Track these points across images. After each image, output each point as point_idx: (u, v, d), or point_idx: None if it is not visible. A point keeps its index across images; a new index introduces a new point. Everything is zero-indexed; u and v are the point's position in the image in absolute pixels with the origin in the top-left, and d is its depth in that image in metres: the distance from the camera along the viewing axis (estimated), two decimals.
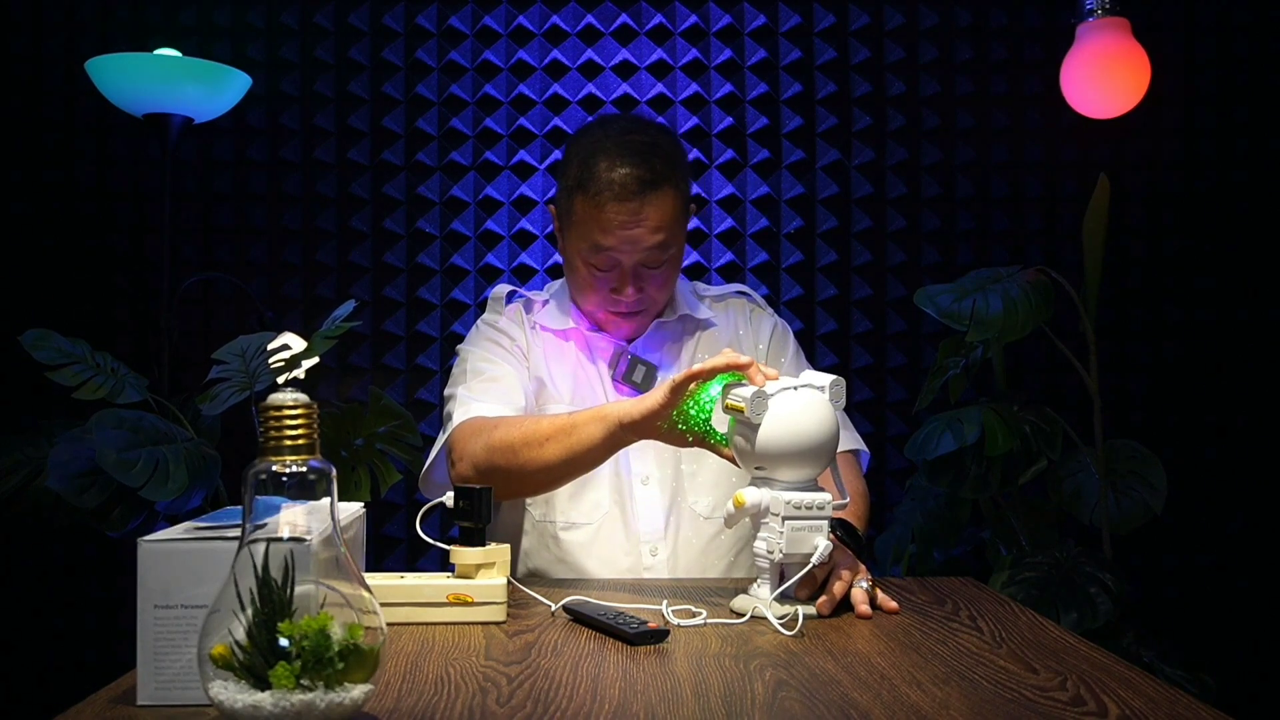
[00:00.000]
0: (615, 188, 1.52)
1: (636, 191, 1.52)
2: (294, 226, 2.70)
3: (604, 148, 1.55)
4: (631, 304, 1.59)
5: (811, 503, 1.21)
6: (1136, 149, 2.70)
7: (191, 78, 2.25)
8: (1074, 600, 2.00)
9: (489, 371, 1.60)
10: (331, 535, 0.83)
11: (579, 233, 1.57)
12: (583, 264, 1.58)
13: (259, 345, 1.99)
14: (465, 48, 2.72)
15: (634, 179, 1.52)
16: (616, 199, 1.52)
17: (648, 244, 1.54)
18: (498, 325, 1.68)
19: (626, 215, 1.52)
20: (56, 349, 1.94)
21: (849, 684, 0.95)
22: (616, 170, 1.52)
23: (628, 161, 1.53)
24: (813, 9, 2.73)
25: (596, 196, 1.52)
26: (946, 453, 2.15)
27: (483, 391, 1.57)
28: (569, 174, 1.58)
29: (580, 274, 1.60)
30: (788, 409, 1.22)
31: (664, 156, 1.56)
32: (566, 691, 0.93)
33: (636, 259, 1.55)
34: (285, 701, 0.75)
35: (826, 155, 2.72)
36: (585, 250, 1.56)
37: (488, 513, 1.25)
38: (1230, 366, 2.67)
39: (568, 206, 1.58)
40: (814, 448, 1.22)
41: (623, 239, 1.53)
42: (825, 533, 1.21)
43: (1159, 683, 0.95)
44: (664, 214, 1.54)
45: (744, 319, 1.73)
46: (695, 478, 1.61)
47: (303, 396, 0.81)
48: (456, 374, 1.65)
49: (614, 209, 1.52)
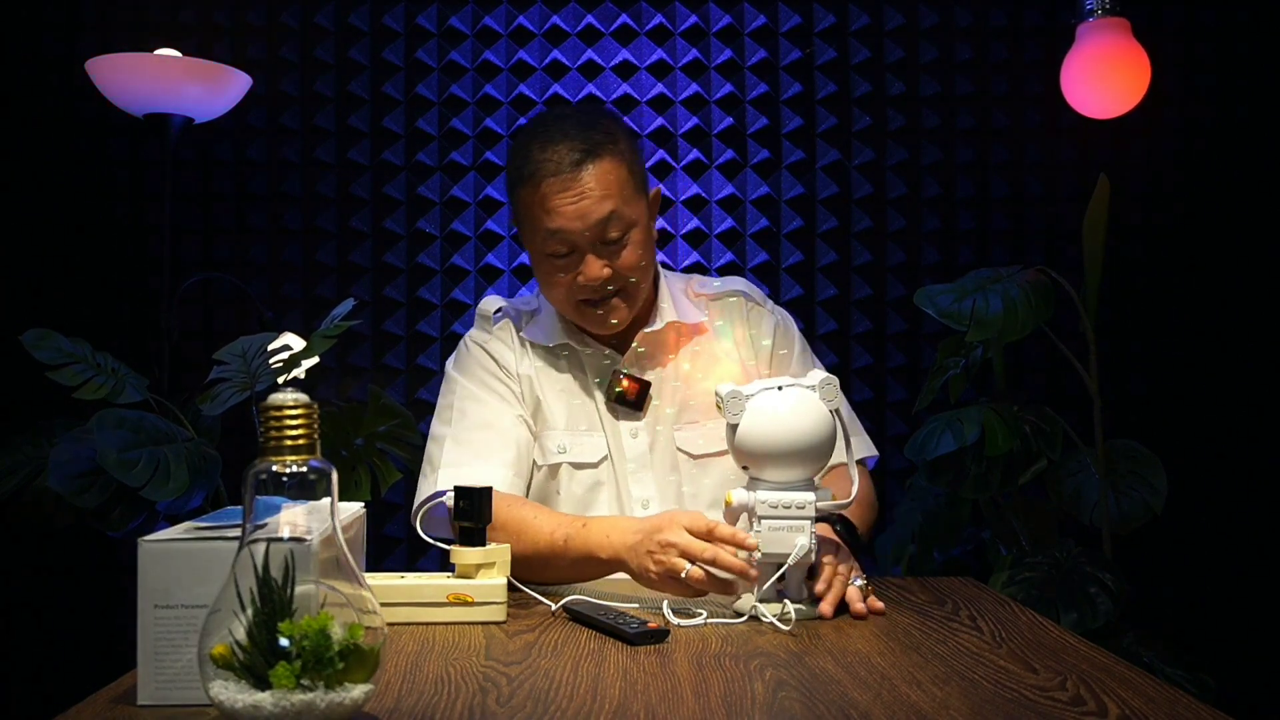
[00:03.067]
0: (551, 164, 1.46)
1: (575, 163, 1.46)
2: (294, 226, 2.70)
3: (536, 135, 1.50)
4: (600, 285, 1.50)
5: (791, 502, 1.21)
6: (1136, 149, 2.70)
7: (191, 78, 2.25)
8: (1074, 600, 2.00)
9: (479, 415, 1.54)
10: (331, 535, 0.83)
11: (531, 227, 1.51)
12: (544, 259, 1.52)
13: (259, 345, 1.99)
14: (465, 48, 2.72)
15: (569, 150, 1.47)
16: (554, 174, 1.46)
17: (598, 215, 1.46)
18: (487, 347, 1.60)
19: (568, 189, 1.46)
20: (57, 349, 1.94)
21: (849, 684, 0.95)
22: (550, 149, 1.47)
23: (561, 138, 1.48)
24: (813, 9, 2.73)
25: (534, 179, 1.47)
26: (946, 453, 2.15)
27: (472, 445, 1.50)
28: (510, 173, 1.54)
29: (543, 271, 1.53)
30: (767, 409, 1.22)
31: (601, 128, 1.50)
32: (566, 691, 0.93)
33: (590, 236, 1.48)
34: (285, 701, 0.75)
35: (826, 155, 2.72)
36: (540, 242, 1.50)
37: (488, 513, 1.25)
38: (1230, 366, 2.67)
39: (515, 205, 1.54)
40: (796, 448, 1.21)
41: (570, 215, 1.46)
42: (808, 532, 1.21)
43: (1159, 683, 0.95)
44: (608, 182, 1.47)
45: (741, 319, 1.66)
46: (696, 499, 1.57)
47: (303, 396, 0.81)
48: (443, 407, 1.58)
49: (552, 185, 1.46)
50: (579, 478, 1.55)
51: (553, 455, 1.55)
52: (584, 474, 1.55)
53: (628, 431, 1.57)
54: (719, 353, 1.61)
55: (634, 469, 1.55)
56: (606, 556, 1.32)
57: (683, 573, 1.21)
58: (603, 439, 1.56)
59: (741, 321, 1.66)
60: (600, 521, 1.36)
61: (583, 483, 1.55)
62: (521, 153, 1.51)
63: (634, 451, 1.56)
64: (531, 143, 1.50)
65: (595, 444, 1.56)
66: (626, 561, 1.29)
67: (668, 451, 1.57)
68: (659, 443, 1.57)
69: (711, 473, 1.57)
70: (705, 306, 1.66)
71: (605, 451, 1.56)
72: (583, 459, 1.55)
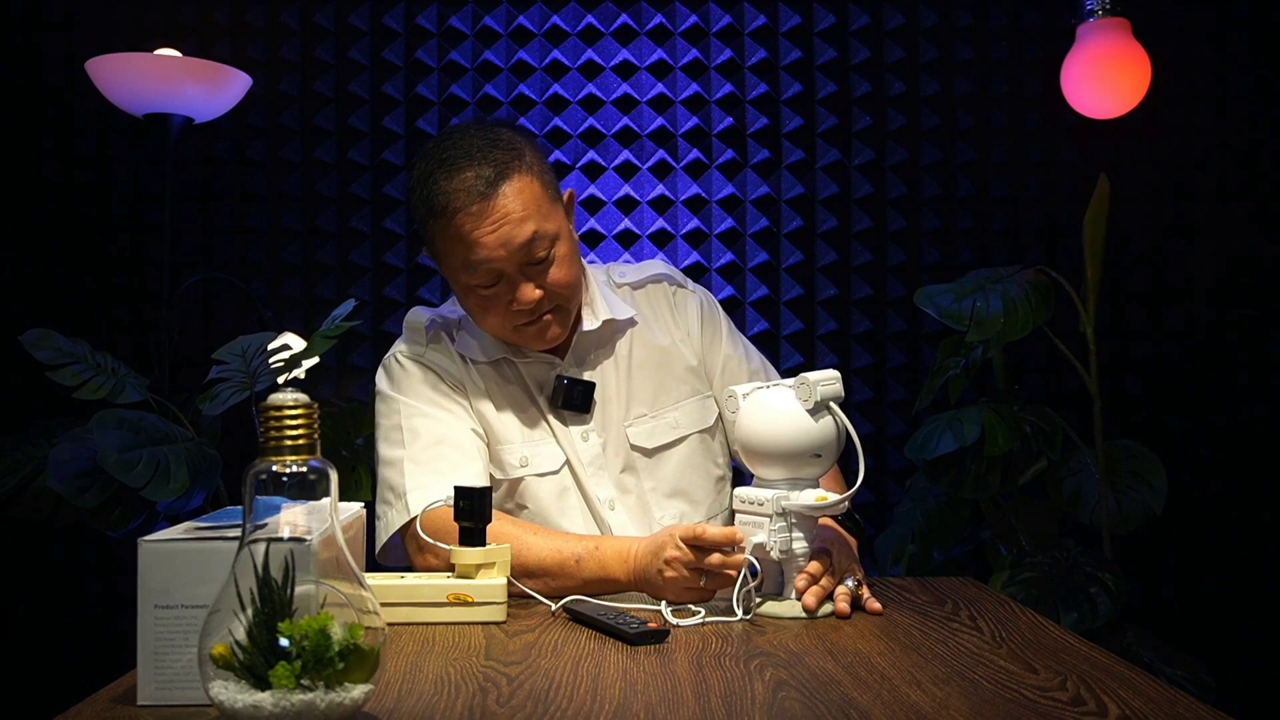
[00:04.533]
0: (461, 195, 1.38)
1: (483, 191, 1.38)
2: (294, 226, 2.70)
3: (440, 164, 1.42)
4: (533, 308, 1.44)
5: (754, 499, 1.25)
6: (1136, 149, 2.70)
7: (191, 78, 2.25)
8: (1074, 600, 2.00)
9: (432, 431, 1.46)
10: (331, 535, 0.83)
11: (450, 263, 1.43)
12: (469, 291, 1.44)
13: (259, 345, 1.99)
14: (465, 48, 2.72)
15: (475, 177, 1.39)
16: (465, 205, 1.38)
17: (520, 238, 1.40)
18: (424, 360, 1.52)
19: (484, 218, 1.39)
20: (57, 349, 1.94)
21: (849, 684, 0.95)
22: (457, 177, 1.39)
23: (465, 164, 1.40)
24: (813, 9, 2.73)
25: (446, 213, 1.39)
26: (946, 453, 2.15)
27: (434, 463, 1.43)
28: (416, 207, 1.45)
29: (471, 303, 1.46)
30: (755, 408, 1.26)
31: (503, 144, 1.43)
32: (566, 691, 0.93)
33: (517, 260, 1.41)
34: (285, 701, 0.75)
35: (826, 155, 2.72)
36: (464, 274, 1.42)
37: (488, 513, 1.25)
38: (1230, 366, 2.67)
39: (429, 239, 1.45)
40: (783, 449, 1.23)
41: (492, 244, 1.39)
42: (767, 529, 1.23)
43: (1159, 683, 0.95)
44: (524, 201, 1.40)
45: (667, 305, 1.63)
46: (656, 491, 1.56)
47: (303, 396, 0.81)
48: (389, 429, 1.49)
49: (467, 217, 1.39)
50: (545, 486, 1.51)
51: (515, 469, 1.51)
52: (548, 482, 1.52)
53: (579, 435, 1.53)
54: (655, 343, 1.59)
55: (591, 471, 1.52)
56: (626, 579, 1.34)
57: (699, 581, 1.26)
58: (556, 446, 1.53)
59: (668, 306, 1.64)
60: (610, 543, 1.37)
61: (550, 491, 1.52)
62: (426, 184, 1.42)
63: (589, 455, 1.53)
64: (436, 172, 1.41)
65: (551, 452, 1.52)
66: (651, 588, 1.31)
67: (621, 449, 1.55)
68: (611, 441, 1.54)
69: (668, 464, 1.56)
70: (629, 297, 1.63)
71: (563, 458, 1.52)
72: (543, 469, 1.51)
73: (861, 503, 2.69)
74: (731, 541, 1.24)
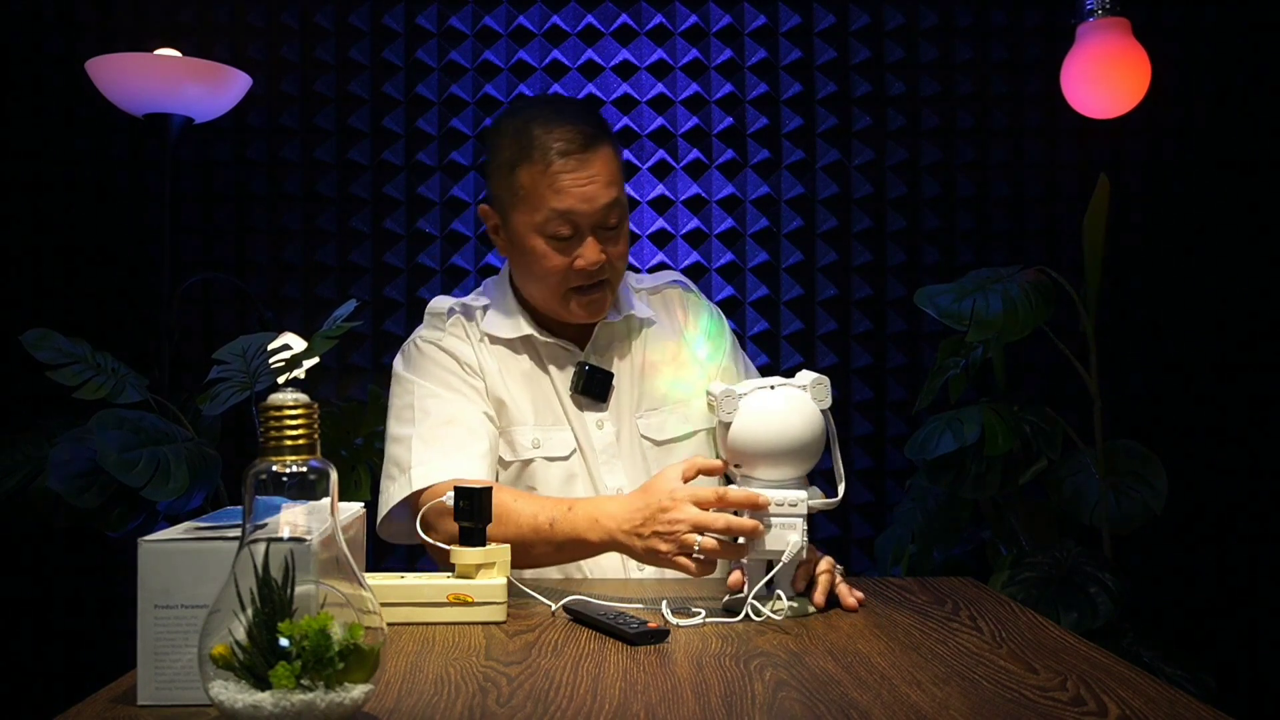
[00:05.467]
0: (561, 144, 1.45)
1: (584, 145, 1.45)
2: (294, 226, 2.70)
3: (536, 117, 1.48)
4: (596, 270, 1.49)
5: (784, 499, 1.23)
6: (1136, 149, 2.70)
7: (191, 78, 2.25)
8: (1074, 600, 2.00)
9: (442, 411, 1.49)
10: (331, 535, 0.83)
11: (530, 205, 1.47)
12: (540, 239, 1.48)
13: (259, 345, 1.99)
14: (465, 48, 2.72)
15: (578, 134, 1.46)
16: (564, 154, 1.45)
17: (604, 200, 1.46)
18: (443, 345, 1.55)
19: (579, 172, 1.45)
20: (57, 349, 1.94)
21: (849, 684, 0.95)
22: (557, 129, 1.46)
23: (567, 120, 1.47)
24: (813, 9, 2.73)
25: (543, 158, 1.45)
26: (946, 453, 2.15)
27: (440, 441, 1.46)
28: (502, 153, 1.50)
29: (537, 254, 1.49)
30: (760, 408, 1.23)
31: (596, 118, 1.52)
32: (566, 691, 0.93)
33: (594, 219, 1.47)
34: (285, 701, 0.75)
35: (826, 155, 2.72)
36: (541, 222, 1.47)
37: (488, 513, 1.25)
38: (1230, 366, 2.67)
39: (510, 185, 1.49)
40: (787, 448, 1.23)
41: (579, 196, 1.45)
42: (800, 530, 1.22)
43: (1159, 683, 0.95)
44: (611, 169, 1.48)
45: (680, 308, 1.68)
46: None
47: (303, 396, 0.81)
48: (400, 408, 1.52)
49: (563, 165, 1.45)
50: (553, 470, 1.53)
51: (526, 450, 1.53)
52: (556, 467, 1.53)
53: (593, 423, 1.56)
54: (669, 343, 1.63)
55: (604, 459, 1.55)
56: (596, 539, 1.31)
57: (695, 546, 1.22)
58: (569, 432, 1.55)
59: (681, 310, 1.68)
60: (586, 504, 1.35)
61: (558, 476, 1.54)
62: (519, 133, 1.48)
63: (602, 442, 1.56)
64: (531, 125, 1.47)
65: (564, 437, 1.55)
66: (625, 544, 1.29)
67: (633, 439, 1.57)
68: (624, 432, 1.57)
69: (676, 457, 1.57)
70: (645, 299, 1.67)
71: (574, 444, 1.55)
72: (554, 453, 1.54)
73: (862, 502, 2.69)
74: (755, 505, 1.22)
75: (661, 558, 1.26)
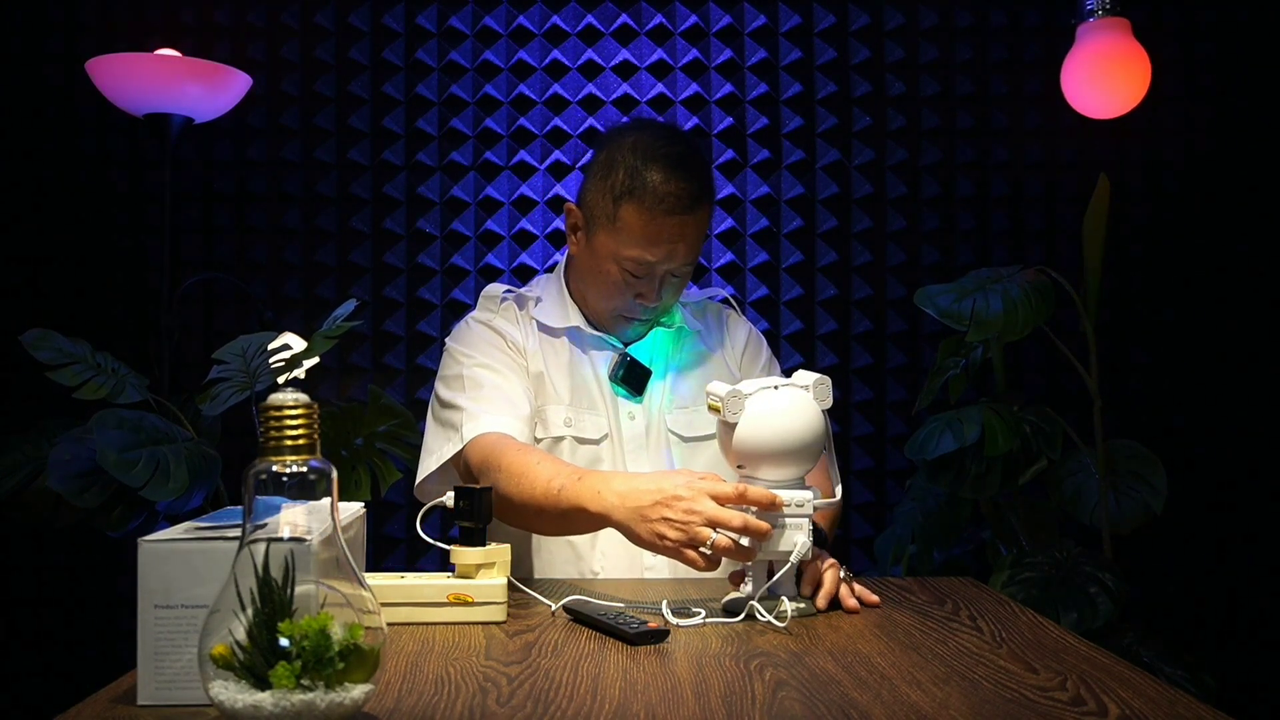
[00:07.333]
0: (670, 200, 1.51)
1: (688, 206, 1.53)
2: (294, 226, 2.70)
3: (655, 157, 1.53)
4: (650, 309, 1.60)
5: (790, 500, 1.22)
6: (1136, 149, 2.70)
7: (191, 78, 2.25)
8: (1074, 600, 2.00)
9: (491, 380, 1.57)
10: (331, 535, 0.83)
11: (622, 238, 1.55)
12: (616, 266, 1.57)
13: (259, 345, 1.99)
14: (465, 48, 2.72)
15: (687, 194, 1.52)
16: (669, 212, 1.52)
17: (683, 259, 1.56)
18: (492, 324, 1.65)
19: (676, 229, 1.53)
20: (57, 349, 1.94)
21: (849, 684, 0.95)
22: (672, 183, 1.52)
23: (682, 176, 1.52)
24: (813, 9, 2.73)
25: (652, 208, 1.52)
26: (946, 453, 2.15)
27: (489, 402, 1.54)
28: (615, 175, 1.55)
29: (610, 277, 1.58)
30: (765, 408, 1.23)
31: (706, 169, 1.59)
32: (566, 691, 0.93)
33: (670, 269, 1.56)
34: (285, 701, 0.75)
35: (826, 155, 2.72)
36: (624, 257, 1.55)
37: (488, 513, 1.25)
38: (1230, 367, 2.67)
39: (609, 210, 1.56)
40: (793, 447, 1.23)
41: (667, 252, 1.54)
42: (806, 530, 1.22)
43: (1159, 683, 0.95)
44: (703, 230, 1.58)
45: (718, 321, 1.76)
46: None
47: (303, 396, 0.81)
48: (450, 377, 1.61)
49: (665, 222, 1.52)
50: (581, 452, 1.59)
51: (558, 428, 1.60)
52: (585, 449, 1.60)
53: (625, 413, 1.63)
54: (703, 350, 1.71)
55: (632, 449, 1.61)
56: (595, 510, 1.29)
57: (708, 541, 1.19)
58: (604, 418, 1.62)
59: (719, 322, 1.76)
60: (594, 476, 1.35)
61: (584, 458, 1.59)
62: (636, 171, 1.53)
63: (631, 432, 1.62)
64: (651, 165, 1.52)
65: (597, 422, 1.61)
66: (627, 524, 1.26)
67: (661, 434, 1.63)
68: (653, 426, 1.63)
69: (701, 454, 1.62)
70: (691, 310, 1.75)
71: (606, 430, 1.61)
72: (585, 435, 1.60)
73: (862, 502, 2.69)
74: (773, 505, 1.21)
75: (666, 545, 1.22)
